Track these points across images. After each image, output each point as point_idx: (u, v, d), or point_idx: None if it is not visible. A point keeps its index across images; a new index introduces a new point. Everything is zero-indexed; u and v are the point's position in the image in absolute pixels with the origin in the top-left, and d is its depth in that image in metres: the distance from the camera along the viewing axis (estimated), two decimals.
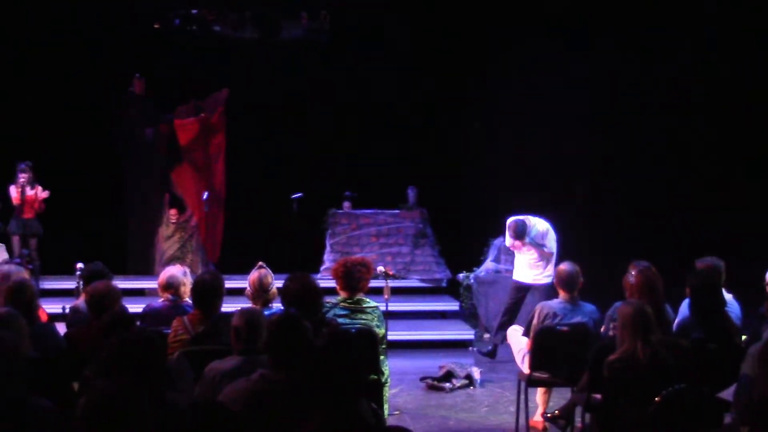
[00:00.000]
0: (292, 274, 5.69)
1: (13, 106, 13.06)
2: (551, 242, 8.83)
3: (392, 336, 7.89)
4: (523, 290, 9.04)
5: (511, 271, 9.43)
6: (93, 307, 5.59)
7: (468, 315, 11.20)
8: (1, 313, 4.81)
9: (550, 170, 12.99)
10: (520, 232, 8.69)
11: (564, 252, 9.60)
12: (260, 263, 6.18)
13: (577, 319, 6.60)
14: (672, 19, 12.57)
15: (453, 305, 11.53)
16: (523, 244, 8.78)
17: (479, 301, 10.97)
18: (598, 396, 5.58)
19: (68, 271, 8.56)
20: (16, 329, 4.56)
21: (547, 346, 6.53)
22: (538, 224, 8.83)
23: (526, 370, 6.76)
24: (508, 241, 8.97)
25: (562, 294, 6.75)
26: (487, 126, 13.07)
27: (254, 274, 6.06)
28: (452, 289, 12.04)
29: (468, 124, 13.26)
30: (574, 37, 12.68)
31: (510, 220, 8.83)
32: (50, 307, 7.46)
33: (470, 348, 10.16)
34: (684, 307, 6.40)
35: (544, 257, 8.82)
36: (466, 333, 10.57)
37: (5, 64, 13.11)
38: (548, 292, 8.97)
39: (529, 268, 8.92)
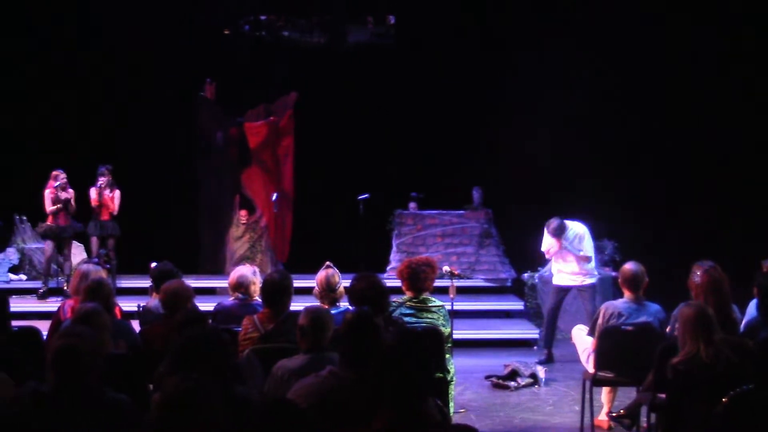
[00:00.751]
0: (359, 274, 5.71)
1: (92, 112, 13.35)
2: (588, 246, 8.97)
3: (457, 335, 7.85)
4: (563, 292, 9.18)
5: None
6: (167, 305, 5.68)
7: (533, 314, 11.12)
8: (86, 309, 4.90)
9: (614, 169, 12.85)
10: (559, 230, 8.94)
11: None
12: (328, 263, 6.21)
13: (642, 318, 6.52)
14: None
15: (518, 304, 11.46)
16: (560, 245, 8.91)
17: (544, 300, 10.87)
18: (664, 396, 5.50)
19: (144, 271, 8.71)
20: (98, 325, 4.64)
21: (612, 346, 6.46)
22: (576, 227, 9.09)
23: (591, 369, 6.69)
24: (545, 245, 9.12)
25: (626, 293, 6.66)
26: (552, 125, 12.97)
27: (322, 274, 6.10)
28: (517, 289, 11.96)
29: (532, 124, 13.15)
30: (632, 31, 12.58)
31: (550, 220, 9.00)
32: (126, 305, 7.58)
33: (534, 347, 10.08)
34: (752, 308, 6.28)
35: (581, 261, 8.93)
36: (530, 332, 10.49)
37: (84, 72, 13.40)
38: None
39: (568, 273, 9.15)
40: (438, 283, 6.37)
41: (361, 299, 5.46)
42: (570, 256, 9.06)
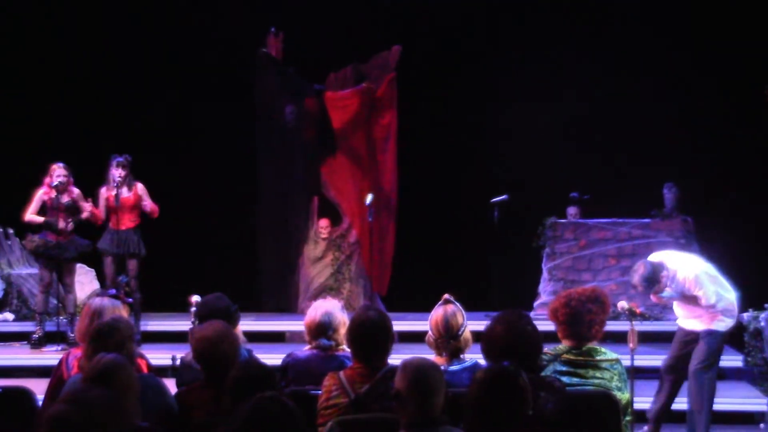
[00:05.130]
0: (498, 314, 5.69)
1: (105, 85, 13.73)
2: (708, 290, 8.72)
3: (641, 403, 7.78)
4: (690, 341, 8.93)
5: None
6: (202, 360, 5.72)
7: (757, 374, 10.93)
8: (105, 361, 4.94)
9: None
10: (650, 279, 8.59)
11: None
12: (446, 296, 6.22)
13: None
14: None
15: (734, 359, 11.26)
16: (657, 298, 8.79)
17: None
18: None
19: (181, 308, 8.85)
20: (121, 386, 4.71)
21: None
22: (683, 269, 8.73)
23: None
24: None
25: None
26: None
27: (438, 312, 6.10)
28: (733, 336, 11.77)
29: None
30: None
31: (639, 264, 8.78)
32: (156, 356, 7.72)
33: (761, 425, 9.91)
34: None
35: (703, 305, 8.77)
36: (754, 401, 10.30)
37: (91, 34, 13.81)
38: (720, 341, 8.77)
39: (689, 312, 8.90)
40: (611, 326, 6.32)
41: (499, 350, 5.45)
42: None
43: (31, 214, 11.37)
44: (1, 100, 13.81)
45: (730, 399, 10.43)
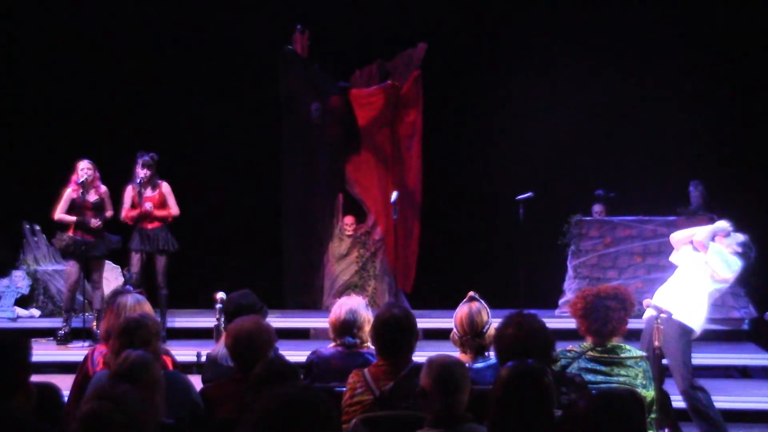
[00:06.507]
0: (506, 317, 5.66)
1: (132, 83, 13.75)
2: (725, 273, 8.73)
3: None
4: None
5: None
6: (236, 354, 5.73)
7: None
8: (132, 358, 4.96)
9: None
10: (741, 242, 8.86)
11: None
12: (471, 294, 6.21)
13: None
14: None
15: (759, 358, 11.23)
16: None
17: None
18: None
19: (205, 305, 8.86)
20: (148, 383, 4.72)
21: None
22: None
23: None
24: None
25: None
26: None
27: (463, 310, 6.09)
28: (758, 334, 11.73)
29: None
30: None
31: None
32: (181, 352, 7.74)
33: None
34: None
35: (707, 279, 8.70)
36: None
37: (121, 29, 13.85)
38: (679, 333, 8.47)
39: (676, 287, 8.84)
40: (636, 324, 6.30)
41: (513, 351, 5.41)
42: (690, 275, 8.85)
43: (61, 213, 11.38)
44: (30, 99, 13.87)
45: (756, 398, 10.40)
